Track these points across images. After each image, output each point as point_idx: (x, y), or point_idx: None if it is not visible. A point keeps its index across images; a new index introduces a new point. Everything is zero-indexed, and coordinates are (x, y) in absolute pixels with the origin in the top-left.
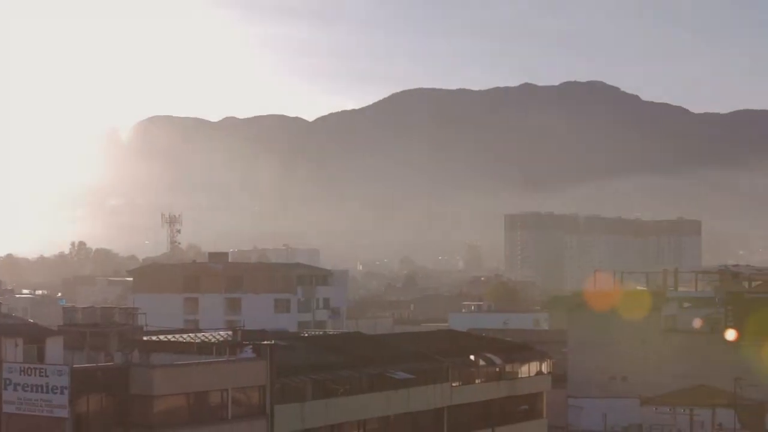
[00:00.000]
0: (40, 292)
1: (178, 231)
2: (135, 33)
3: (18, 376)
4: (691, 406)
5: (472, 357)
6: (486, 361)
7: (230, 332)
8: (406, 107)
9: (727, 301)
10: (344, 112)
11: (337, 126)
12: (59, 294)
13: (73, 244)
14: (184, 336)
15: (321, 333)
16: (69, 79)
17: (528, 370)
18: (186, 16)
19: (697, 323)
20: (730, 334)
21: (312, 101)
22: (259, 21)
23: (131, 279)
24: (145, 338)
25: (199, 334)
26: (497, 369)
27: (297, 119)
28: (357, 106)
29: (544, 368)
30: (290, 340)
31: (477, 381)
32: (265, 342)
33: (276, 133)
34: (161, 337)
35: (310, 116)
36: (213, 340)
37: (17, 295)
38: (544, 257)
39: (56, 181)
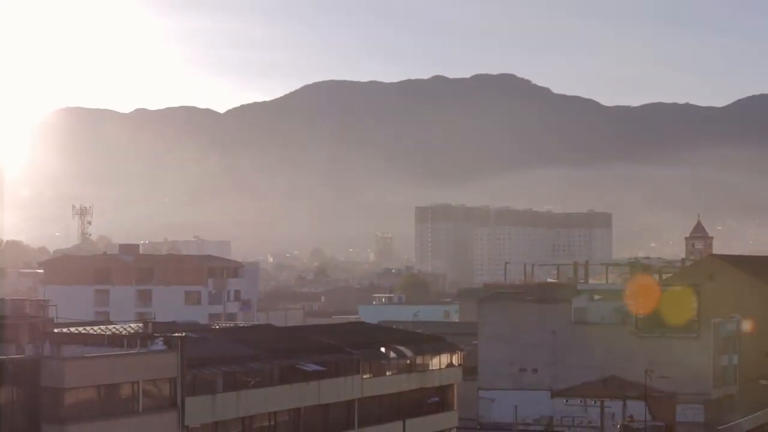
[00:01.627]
0: None
1: (89, 223)
2: (46, 23)
3: None
4: (601, 398)
5: (382, 349)
6: (397, 354)
7: (141, 324)
8: (318, 99)
9: (638, 293)
10: (255, 104)
11: (249, 118)
12: None
13: None
14: (95, 328)
15: (232, 325)
16: None
17: (439, 362)
18: (97, 7)
19: None
20: None
21: (223, 93)
22: (169, 13)
23: (42, 271)
24: (56, 330)
25: (110, 326)
26: (408, 361)
27: (208, 111)
28: (268, 98)
29: (455, 360)
30: (201, 332)
31: (388, 373)
32: (176, 334)
33: (187, 125)
34: (72, 329)
35: (221, 108)
36: (124, 332)
37: None
38: (455, 249)
39: None
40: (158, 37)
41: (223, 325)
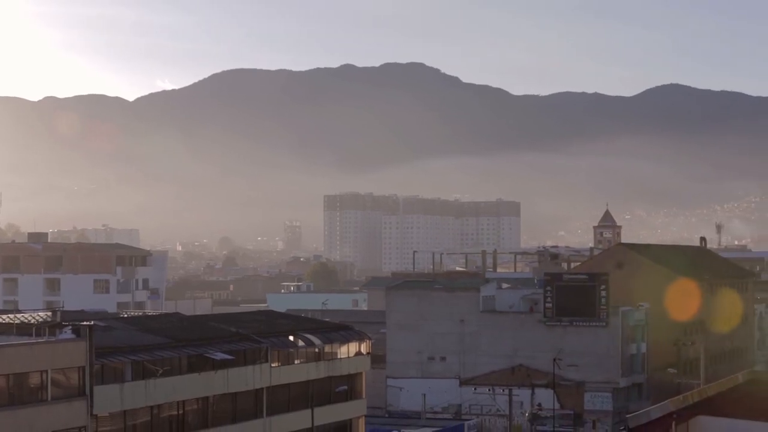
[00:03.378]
0: None
1: None
2: None
3: None
4: (510, 386)
5: (291, 338)
6: (305, 342)
7: (49, 313)
8: (227, 87)
9: (546, 282)
10: (165, 92)
11: (158, 105)
12: None
13: None
14: (4, 317)
15: (140, 314)
16: None
17: (347, 350)
18: None
19: None
20: None
21: (132, 82)
22: (75, 2)
23: None
24: None
25: (18, 315)
26: (316, 350)
27: (117, 99)
28: (177, 86)
29: (363, 349)
30: (109, 320)
31: (296, 362)
32: (84, 323)
33: (96, 113)
34: None
35: (130, 96)
36: (32, 320)
37: None
38: (363, 238)
39: None
40: (65, 25)
41: (132, 313)
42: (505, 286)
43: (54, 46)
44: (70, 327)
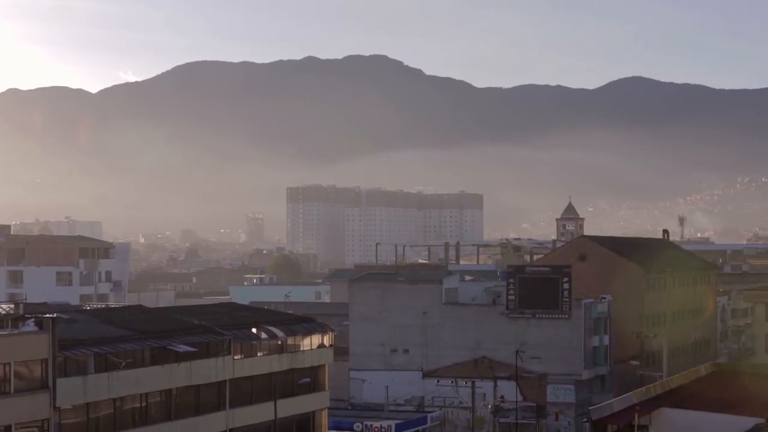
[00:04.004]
0: None
1: None
2: None
3: None
4: (473, 378)
5: (254, 330)
6: (268, 334)
7: (12, 305)
8: (190, 80)
9: (509, 274)
10: (128, 84)
11: (121, 98)
12: None
13: None
14: None
15: (103, 306)
16: None
17: (310, 342)
18: None
19: None
20: None
21: (95, 73)
22: None
23: None
24: None
25: None
26: (279, 342)
27: (80, 91)
28: (141, 78)
29: (326, 341)
30: (72, 313)
31: (259, 354)
32: (47, 315)
33: (59, 105)
34: None
35: (93, 88)
36: None
37: None
38: (326, 230)
39: None
40: (27, 17)
41: (95, 305)
42: (467, 278)
43: (16, 37)
44: (32, 319)
